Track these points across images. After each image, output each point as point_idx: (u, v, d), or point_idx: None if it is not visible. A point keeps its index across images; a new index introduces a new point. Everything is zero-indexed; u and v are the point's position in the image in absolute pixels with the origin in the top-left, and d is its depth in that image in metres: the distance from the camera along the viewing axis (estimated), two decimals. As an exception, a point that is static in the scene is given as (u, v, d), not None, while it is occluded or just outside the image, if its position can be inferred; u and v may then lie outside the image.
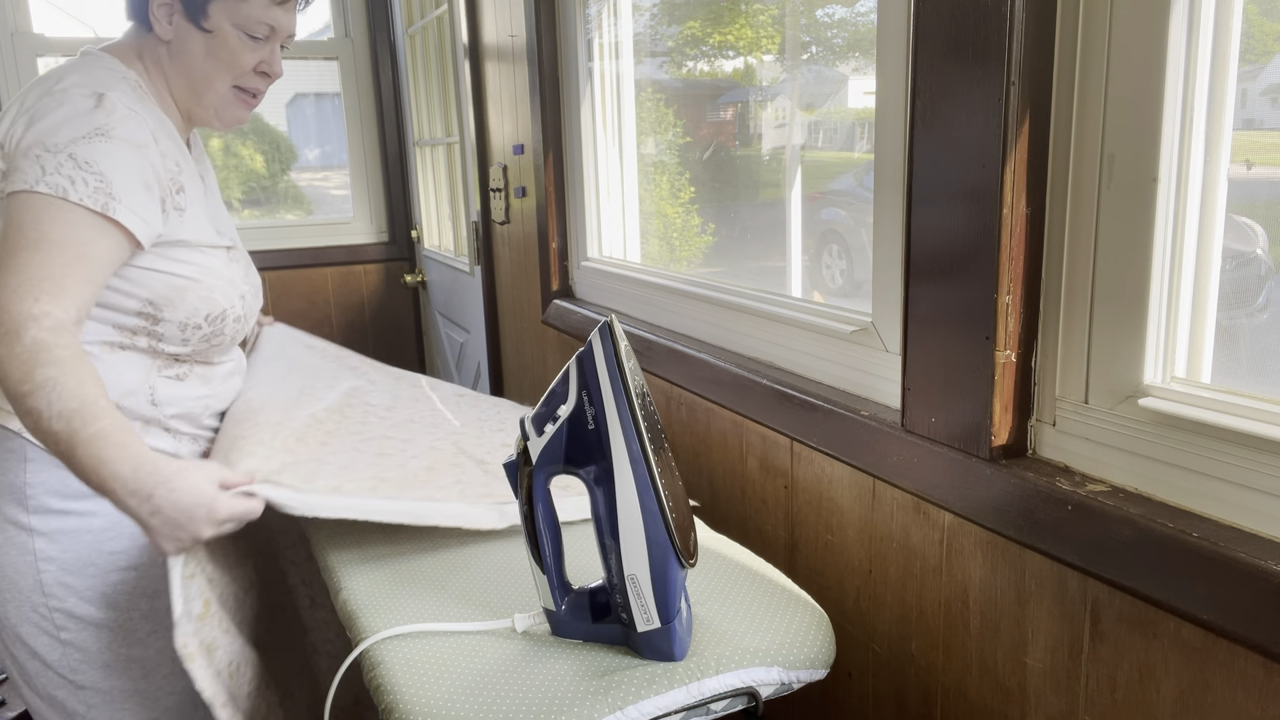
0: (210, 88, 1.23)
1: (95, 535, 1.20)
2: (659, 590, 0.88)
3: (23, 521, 1.17)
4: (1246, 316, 0.86)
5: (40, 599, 1.18)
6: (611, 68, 1.92)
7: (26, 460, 1.16)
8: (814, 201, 1.47)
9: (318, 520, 1.27)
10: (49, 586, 1.18)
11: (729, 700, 0.93)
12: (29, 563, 1.18)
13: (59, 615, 1.19)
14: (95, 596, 1.20)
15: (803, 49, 1.44)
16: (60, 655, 1.20)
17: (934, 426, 0.99)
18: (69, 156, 1.05)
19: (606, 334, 0.87)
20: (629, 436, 0.86)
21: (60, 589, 1.19)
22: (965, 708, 1.02)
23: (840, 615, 1.21)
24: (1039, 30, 0.84)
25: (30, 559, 1.17)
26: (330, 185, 3.80)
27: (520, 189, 2.26)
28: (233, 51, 1.20)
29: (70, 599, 1.19)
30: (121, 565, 1.22)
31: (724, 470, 1.45)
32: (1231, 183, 0.79)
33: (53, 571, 1.18)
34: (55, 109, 1.08)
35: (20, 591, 1.18)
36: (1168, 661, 0.78)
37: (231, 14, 1.18)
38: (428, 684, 0.89)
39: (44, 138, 1.06)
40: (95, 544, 1.20)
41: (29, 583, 1.18)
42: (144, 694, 1.26)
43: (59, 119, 1.07)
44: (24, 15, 2.81)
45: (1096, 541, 0.80)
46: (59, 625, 1.20)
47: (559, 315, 2.07)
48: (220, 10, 1.18)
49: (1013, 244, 0.88)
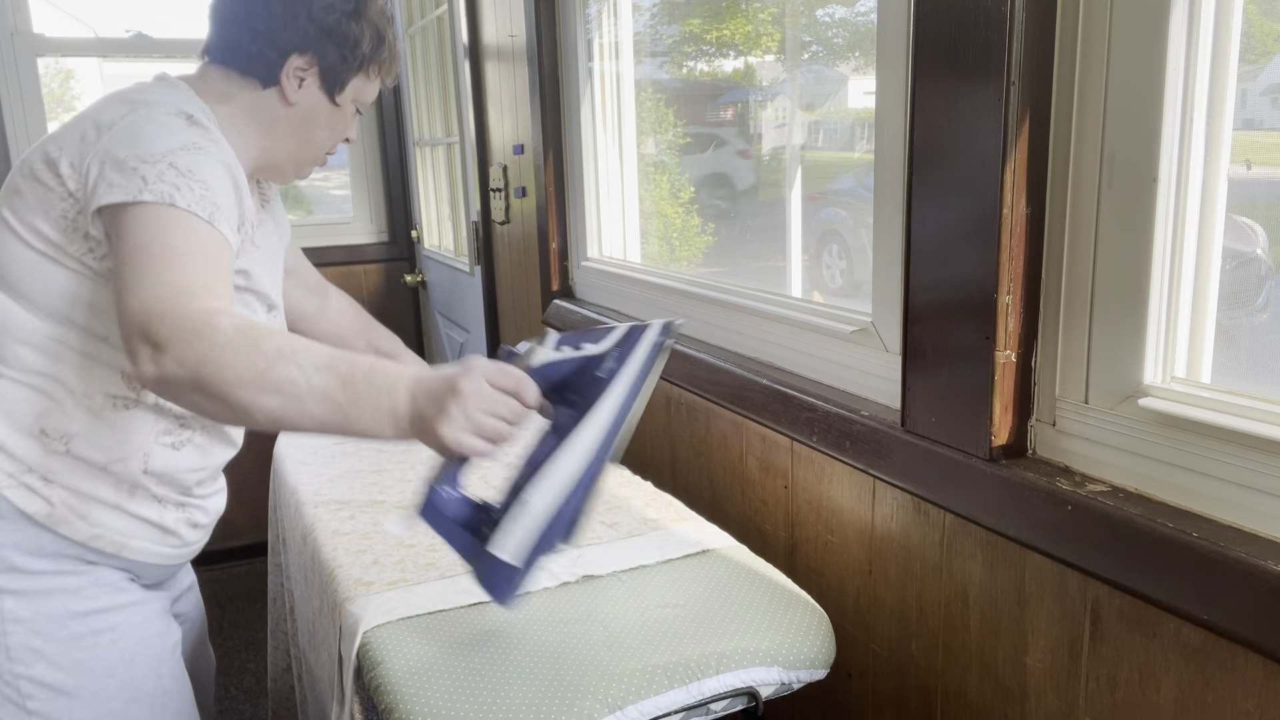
0: (314, 150, 1.25)
1: (70, 595, 1.10)
2: (540, 535, 0.88)
3: None
4: (1246, 316, 0.86)
5: (6, 665, 1.08)
6: (611, 67, 1.92)
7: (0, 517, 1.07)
8: (814, 201, 1.47)
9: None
10: (15, 650, 1.08)
11: (729, 700, 0.94)
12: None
13: (25, 683, 1.09)
14: (67, 661, 1.10)
15: (803, 49, 1.43)
16: None
17: (934, 426, 0.99)
18: (170, 165, 1.01)
19: (668, 330, 0.93)
20: (623, 407, 0.89)
21: (28, 654, 1.09)
22: (965, 708, 1.02)
23: (840, 615, 1.21)
24: (1039, 30, 0.84)
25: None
26: (330, 185, 3.80)
27: (520, 189, 2.26)
28: (346, 122, 1.25)
29: (38, 665, 1.09)
30: (97, 627, 1.12)
31: (724, 470, 1.45)
32: (1231, 183, 0.79)
33: (20, 634, 1.08)
34: (147, 123, 1.04)
35: None
36: (1168, 661, 0.78)
37: (358, 92, 1.23)
38: (428, 684, 0.89)
39: (140, 149, 1.01)
40: (69, 604, 1.10)
41: None
42: None
43: (154, 132, 1.03)
44: (24, 15, 2.81)
45: (1096, 541, 0.80)
46: (24, 693, 1.10)
47: (559, 315, 2.07)
48: (355, 86, 1.22)
49: (1013, 244, 0.88)
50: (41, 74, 2.87)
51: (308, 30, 1.15)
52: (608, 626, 0.98)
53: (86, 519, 1.08)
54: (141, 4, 4.38)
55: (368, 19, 1.19)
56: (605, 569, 1.10)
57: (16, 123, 2.83)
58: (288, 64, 1.16)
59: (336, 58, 1.18)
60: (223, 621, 2.86)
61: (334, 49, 1.17)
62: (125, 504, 1.10)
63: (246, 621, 2.86)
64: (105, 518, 1.09)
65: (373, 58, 1.21)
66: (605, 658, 0.92)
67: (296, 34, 1.15)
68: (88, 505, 1.08)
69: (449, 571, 1.11)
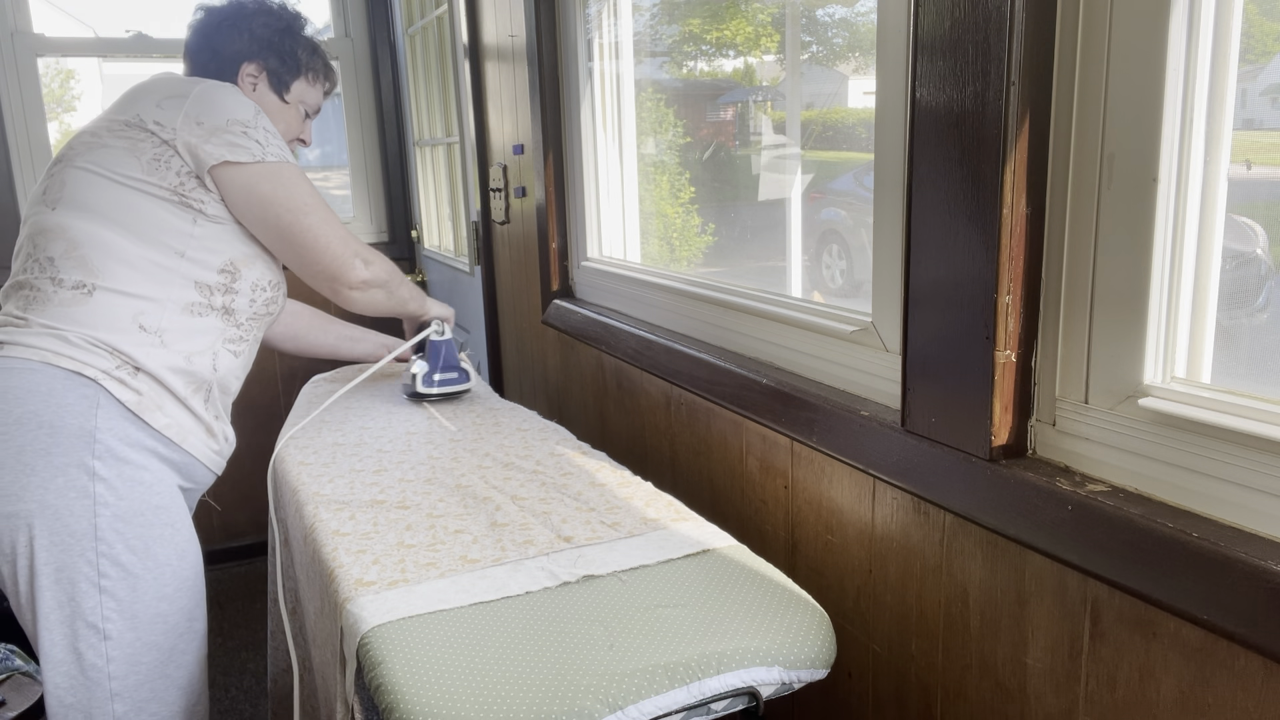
0: None
1: (145, 488, 1.33)
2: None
3: (88, 465, 1.27)
4: (1246, 316, 0.86)
5: (91, 544, 1.28)
6: (611, 67, 1.92)
7: (98, 406, 1.29)
8: (814, 201, 1.47)
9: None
10: (102, 532, 1.28)
11: (729, 700, 0.94)
12: (87, 507, 1.27)
13: (105, 562, 1.29)
14: (140, 546, 1.32)
15: (803, 49, 1.43)
16: (96, 603, 1.29)
17: (934, 426, 0.99)
18: (264, 129, 1.43)
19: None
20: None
21: (112, 535, 1.29)
22: (965, 707, 1.02)
23: (840, 615, 1.21)
24: (1039, 30, 0.84)
25: (89, 503, 1.27)
26: (330, 185, 3.81)
27: (520, 189, 2.26)
28: (295, 121, 1.62)
29: (119, 546, 1.30)
30: (163, 520, 1.35)
31: (724, 470, 1.45)
32: (1231, 183, 0.79)
33: (108, 518, 1.29)
34: (225, 97, 1.41)
35: (74, 536, 1.27)
36: (1168, 661, 0.78)
37: (303, 94, 1.62)
38: (428, 684, 0.89)
39: (233, 115, 1.39)
40: (145, 496, 1.32)
41: (84, 527, 1.27)
42: (162, 649, 1.35)
43: (233, 102, 1.41)
44: (24, 15, 2.81)
45: (1096, 541, 0.80)
46: (102, 572, 1.29)
47: (559, 315, 2.07)
48: (297, 89, 1.61)
49: (1013, 244, 0.88)
50: (41, 74, 2.87)
51: (251, 44, 1.55)
52: (608, 626, 0.98)
53: (163, 409, 1.36)
54: (141, 4, 4.35)
55: (295, 35, 1.59)
56: (605, 569, 1.10)
57: (16, 123, 2.83)
58: (241, 70, 1.55)
59: (278, 63, 1.57)
60: (223, 621, 2.86)
61: (275, 57, 1.56)
62: (189, 400, 1.40)
63: (246, 621, 2.86)
64: (175, 410, 1.38)
65: (309, 65, 1.61)
66: (605, 658, 0.92)
67: (244, 46, 1.54)
68: (164, 397, 1.37)
69: (449, 571, 1.11)
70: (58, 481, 1.26)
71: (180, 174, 1.36)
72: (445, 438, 1.61)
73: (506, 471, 1.43)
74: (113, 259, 1.34)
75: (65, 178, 1.38)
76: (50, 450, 1.26)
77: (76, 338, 1.31)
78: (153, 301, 1.36)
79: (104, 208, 1.35)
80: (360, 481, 1.42)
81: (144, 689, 1.34)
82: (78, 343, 1.31)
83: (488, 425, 1.67)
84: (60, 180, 1.38)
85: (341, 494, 1.37)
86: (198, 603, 1.41)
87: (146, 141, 1.36)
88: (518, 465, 1.45)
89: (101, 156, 1.36)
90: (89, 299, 1.33)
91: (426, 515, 1.28)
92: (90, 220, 1.34)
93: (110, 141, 1.37)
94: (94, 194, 1.35)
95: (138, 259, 1.35)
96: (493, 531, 1.21)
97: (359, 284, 1.50)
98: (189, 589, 1.39)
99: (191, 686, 1.41)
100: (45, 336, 1.30)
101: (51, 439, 1.26)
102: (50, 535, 1.26)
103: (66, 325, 1.31)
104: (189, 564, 1.39)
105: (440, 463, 1.48)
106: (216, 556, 3.23)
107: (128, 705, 1.33)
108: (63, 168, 1.39)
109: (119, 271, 1.34)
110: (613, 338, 1.78)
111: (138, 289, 1.35)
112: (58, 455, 1.26)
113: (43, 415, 1.27)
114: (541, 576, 1.08)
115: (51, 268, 1.34)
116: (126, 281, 1.35)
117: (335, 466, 1.49)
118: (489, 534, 1.21)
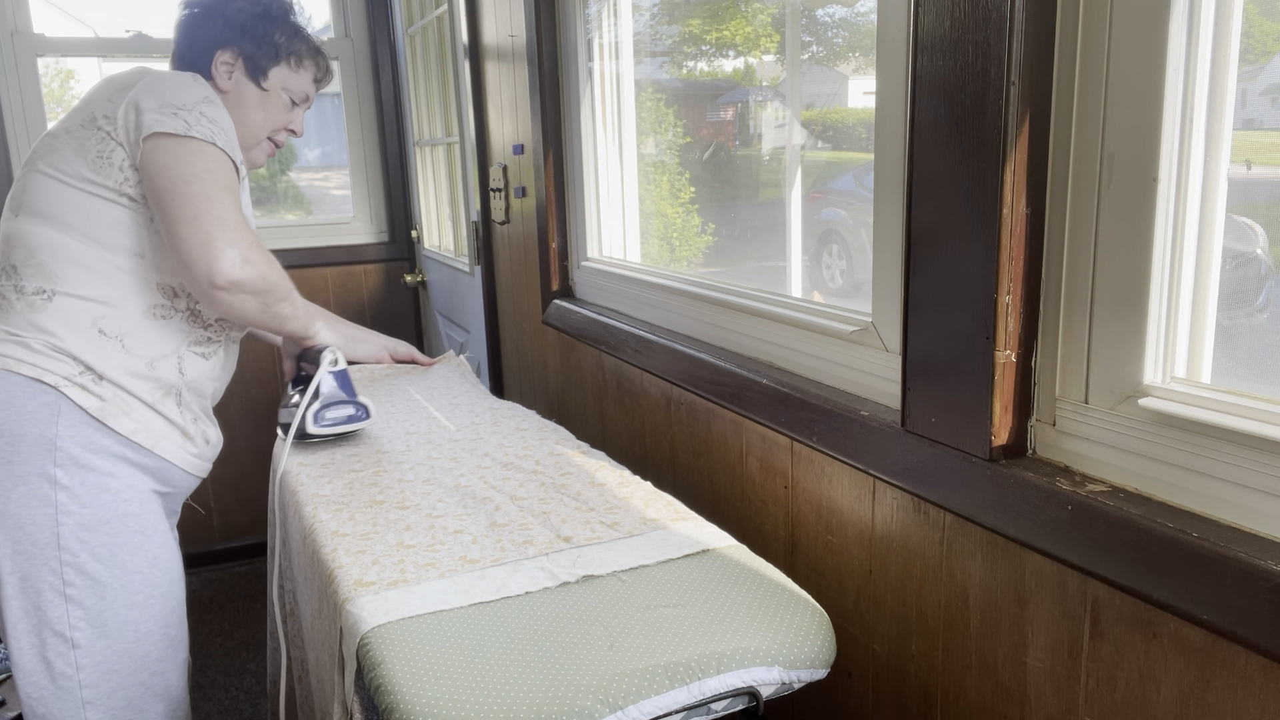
0: (252, 134, 1.51)
1: (112, 495, 1.30)
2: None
3: (49, 474, 1.25)
4: (1246, 316, 0.86)
5: (54, 552, 1.26)
6: (611, 68, 1.92)
7: (59, 413, 1.26)
8: (814, 201, 1.47)
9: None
10: (65, 540, 1.26)
11: (729, 700, 0.94)
12: (49, 515, 1.26)
13: (69, 570, 1.27)
14: (106, 554, 1.29)
15: (803, 49, 1.43)
16: (62, 611, 1.27)
17: (934, 426, 0.99)
18: (201, 114, 1.31)
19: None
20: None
21: (76, 544, 1.27)
22: (965, 708, 1.02)
23: (840, 615, 1.21)
24: (1039, 30, 0.84)
25: (51, 512, 1.26)
26: (330, 185, 3.80)
27: (520, 189, 2.26)
28: (278, 109, 1.53)
29: (83, 554, 1.27)
30: (133, 528, 1.32)
31: (724, 470, 1.45)
32: (1231, 183, 0.79)
33: (70, 526, 1.27)
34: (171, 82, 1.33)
35: (36, 545, 1.26)
36: (1168, 661, 0.78)
37: (284, 80, 1.52)
38: (428, 684, 0.89)
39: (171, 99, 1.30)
40: (111, 504, 1.30)
41: (47, 536, 1.26)
42: (134, 657, 1.34)
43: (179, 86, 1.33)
44: (24, 15, 2.81)
45: (1096, 541, 0.80)
46: (67, 581, 1.27)
47: (559, 315, 2.07)
48: (277, 75, 1.51)
49: (1013, 244, 0.88)
50: (41, 74, 2.87)
51: (225, 29, 1.46)
52: (608, 626, 0.98)
53: (130, 414, 1.32)
54: (141, 4, 4.38)
55: (272, 18, 1.49)
56: (605, 569, 1.10)
57: (16, 123, 2.83)
58: (216, 58, 1.47)
59: (254, 48, 1.48)
60: (223, 621, 2.86)
61: (249, 42, 1.47)
62: (159, 405, 1.36)
63: (246, 621, 2.86)
64: (144, 415, 1.34)
65: (289, 49, 1.51)
66: (605, 658, 0.92)
67: (218, 33, 1.46)
68: (130, 403, 1.32)
69: (448, 572, 1.11)
70: (19, 490, 1.25)
71: (123, 168, 1.31)
72: (444, 438, 1.61)
73: (506, 471, 1.43)
74: (69, 263, 1.31)
75: (26, 183, 1.35)
76: (11, 459, 1.25)
77: (38, 344, 1.29)
78: (112, 306, 1.32)
79: (59, 212, 1.31)
80: (359, 482, 1.42)
81: (117, 697, 1.32)
82: (39, 349, 1.28)
83: (487, 425, 1.67)
84: (23, 185, 1.36)
85: (341, 494, 1.37)
86: (173, 609, 1.39)
87: (93, 139, 1.32)
88: (517, 465, 1.45)
89: (56, 159, 1.33)
90: (49, 304, 1.30)
91: (426, 515, 1.28)
92: (47, 225, 1.31)
93: (64, 143, 1.34)
94: (49, 198, 1.32)
95: (95, 262, 1.31)
96: (492, 532, 1.21)
97: (226, 284, 1.25)
98: (162, 596, 1.36)
99: (170, 695, 1.38)
100: (7, 344, 1.29)
101: (12, 447, 1.25)
102: (13, 544, 1.25)
103: (28, 332, 1.29)
104: (162, 571, 1.36)
105: (439, 463, 1.48)
106: (216, 556, 3.23)
107: (101, 714, 1.31)
108: (26, 172, 1.37)
109: (76, 276, 1.31)
110: (613, 338, 1.78)
111: (96, 293, 1.31)
112: (19, 464, 1.25)
113: (3, 424, 1.25)
114: (541, 576, 1.08)
115: (15, 275, 1.32)
116: (84, 286, 1.31)
117: (335, 467, 1.49)
118: (488, 534, 1.21)
